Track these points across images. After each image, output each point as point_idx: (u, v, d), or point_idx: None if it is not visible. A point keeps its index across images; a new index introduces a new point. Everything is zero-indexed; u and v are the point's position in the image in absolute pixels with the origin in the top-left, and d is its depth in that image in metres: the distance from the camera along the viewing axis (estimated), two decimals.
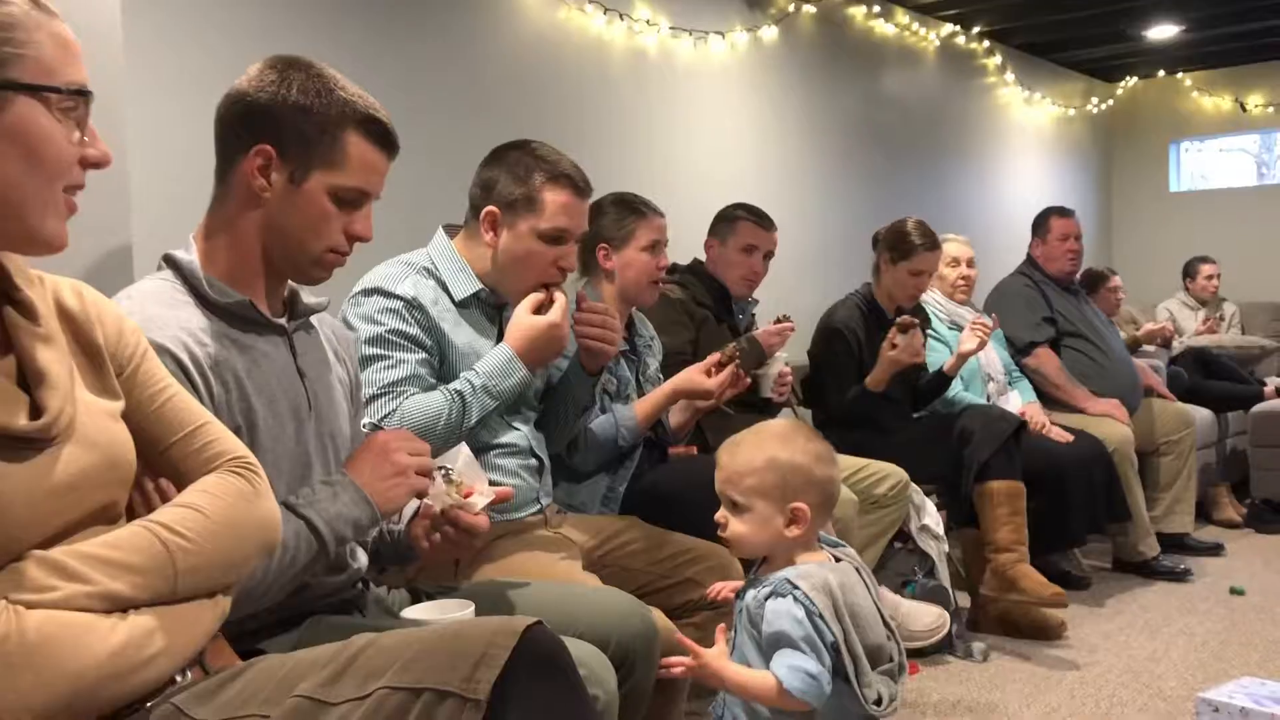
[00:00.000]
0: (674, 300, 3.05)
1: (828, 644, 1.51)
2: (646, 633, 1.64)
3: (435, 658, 1.06)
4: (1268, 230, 6.65)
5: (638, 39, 3.97)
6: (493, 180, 2.04)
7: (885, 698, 1.54)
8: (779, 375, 2.99)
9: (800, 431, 1.69)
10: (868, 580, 1.66)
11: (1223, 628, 3.40)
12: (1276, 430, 5.01)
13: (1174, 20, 5.71)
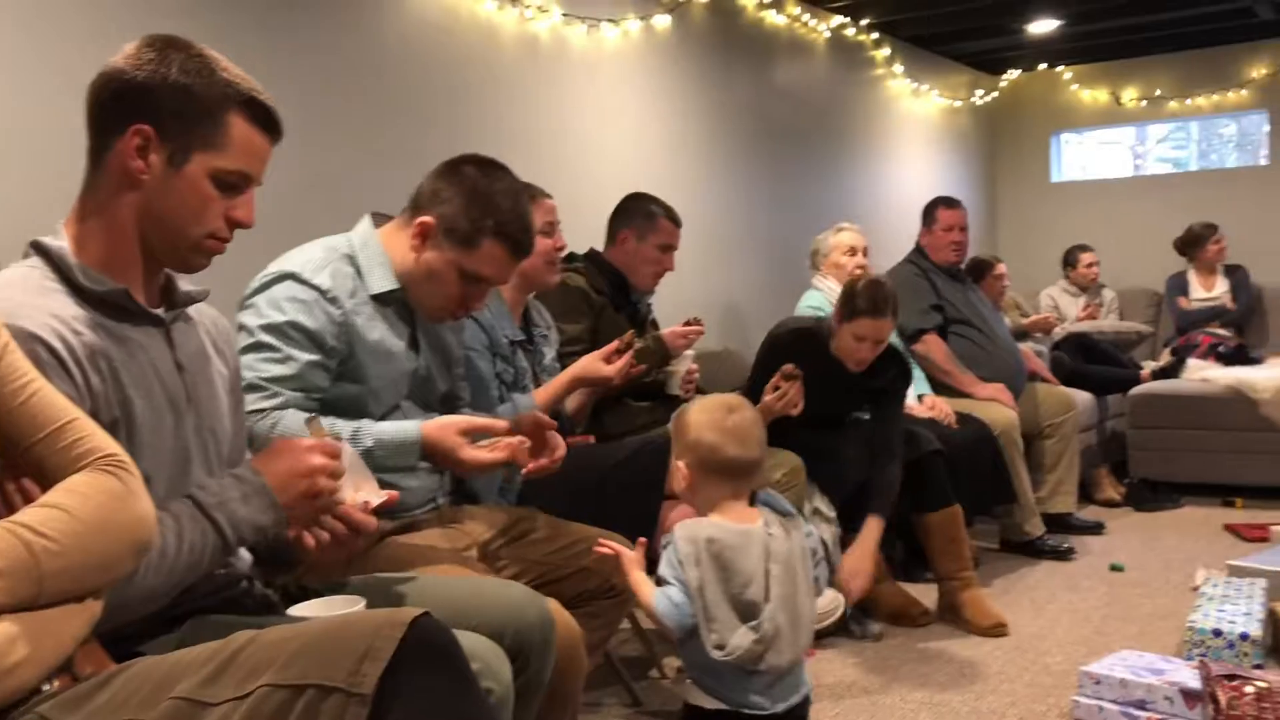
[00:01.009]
0: (572, 288, 3.04)
1: (687, 586, 1.73)
2: (543, 624, 1.62)
3: (319, 653, 1.02)
4: (1143, 219, 6.91)
5: (529, 25, 3.93)
6: (443, 196, 1.97)
7: (733, 647, 1.71)
8: (686, 373, 3.01)
9: (730, 407, 1.87)
10: (795, 552, 1.80)
11: (1104, 603, 3.52)
12: (1153, 412, 5.22)
13: (1054, 14, 5.88)
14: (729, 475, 1.83)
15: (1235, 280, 6.05)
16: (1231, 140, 7.62)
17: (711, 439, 1.82)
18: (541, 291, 2.75)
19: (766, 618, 1.72)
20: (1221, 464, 5.05)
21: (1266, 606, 2.95)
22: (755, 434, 1.85)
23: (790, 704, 1.77)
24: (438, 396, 2.16)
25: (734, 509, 1.83)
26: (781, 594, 1.74)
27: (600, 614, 2.15)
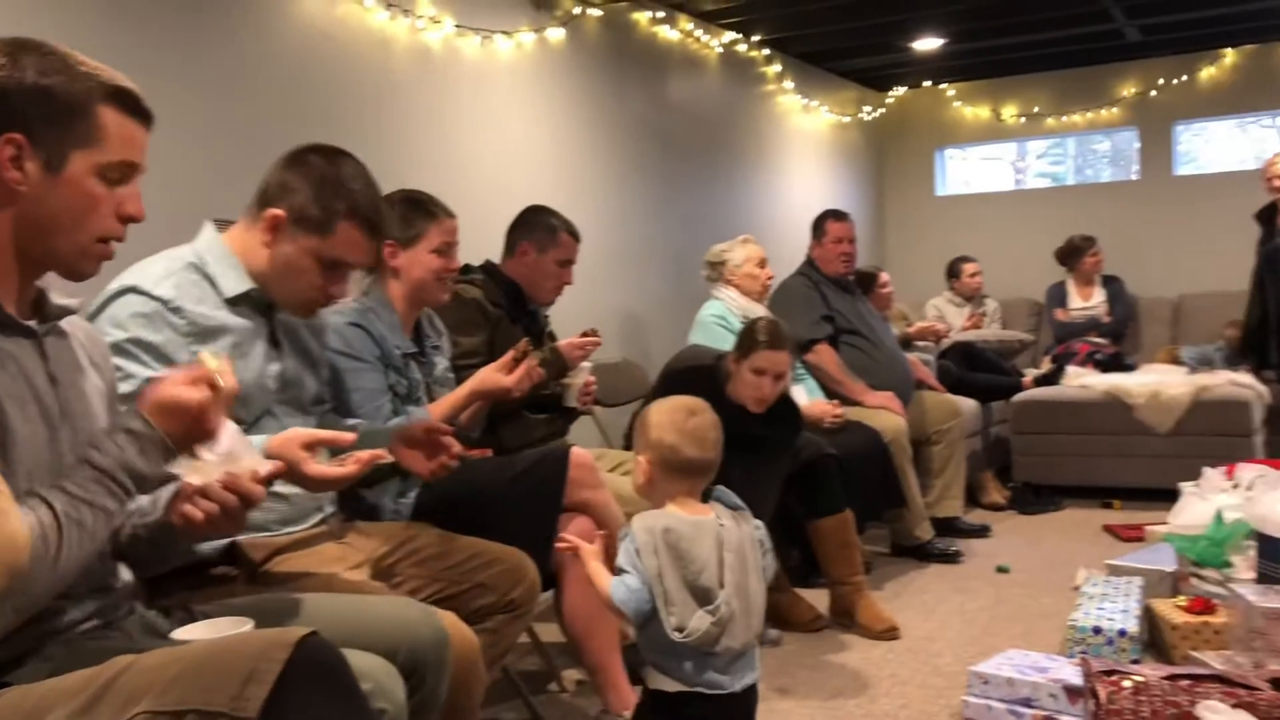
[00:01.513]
0: (468, 300, 3.01)
1: (644, 574, 1.81)
2: (437, 641, 1.59)
3: (200, 676, 0.99)
4: (1024, 232, 7.16)
5: (421, 36, 3.90)
6: (291, 187, 1.93)
7: (692, 629, 1.79)
8: (584, 385, 3.01)
9: (690, 410, 1.97)
10: (746, 542, 1.89)
11: (991, 604, 3.62)
12: (1035, 418, 5.39)
13: (938, 33, 6.05)
14: (685, 473, 1.94)
15: (1112, 291, 6.31)
16: (1106, 156, 7.94)
17: (672, 439, 1.92)
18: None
19: (723, 601, 1.81)
20: (1100, 467, 5.24)
21: (1142, 604, 3.07)
22: (712, 436, 1.95)
23: (746, 683, 1.87)
24: (310, 398, 2.10)
25: (688, 503, 1.93)
26: (734, 580, 1.83)
27: (498, 629, 2.13)
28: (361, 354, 2.39)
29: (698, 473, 1.94)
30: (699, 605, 1.81)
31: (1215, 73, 6.70)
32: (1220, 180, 6.76)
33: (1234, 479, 3.62)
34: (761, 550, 1.95)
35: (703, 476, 1.95)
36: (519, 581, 2.14)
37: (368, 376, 2.39)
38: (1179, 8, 5.69)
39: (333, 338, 2.37)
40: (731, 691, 1.83)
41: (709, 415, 1.98)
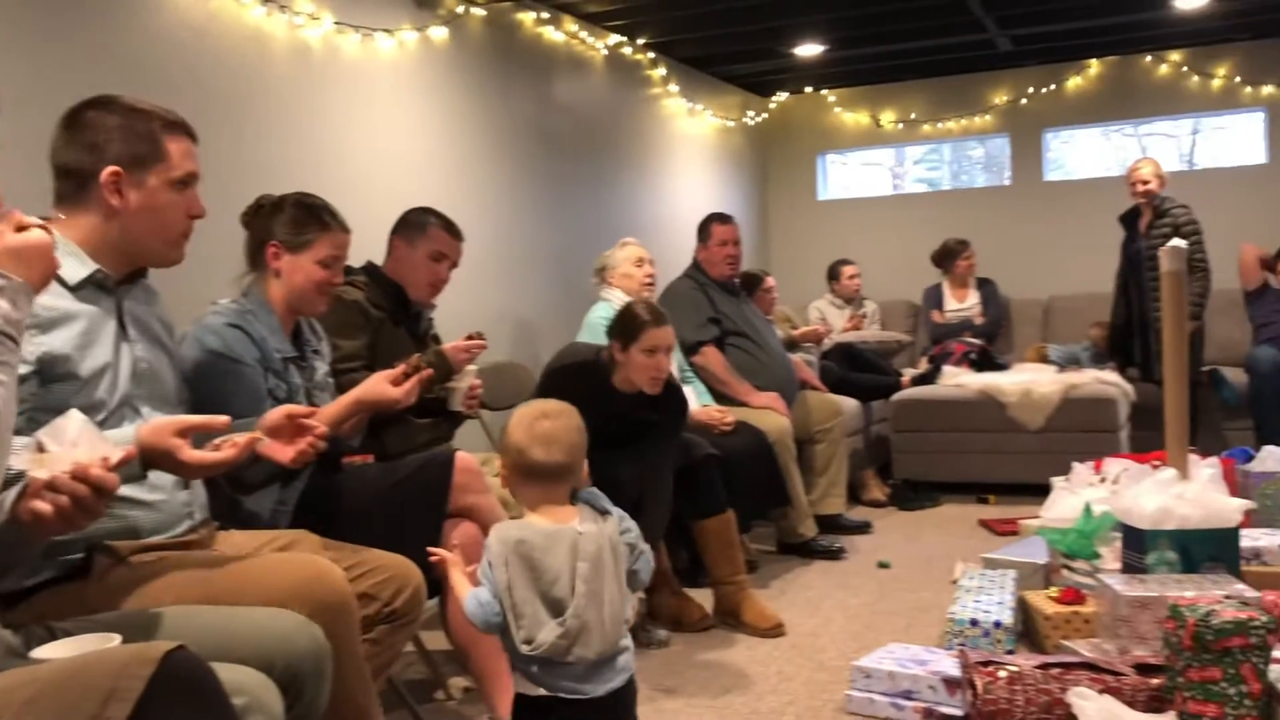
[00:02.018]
0: (349, 302, 2.94)
1: (495, 586, 1.80)
2: (316, 651, 1.55)
3: (59, 697, 0.94)
4: (902, 236, 7.34)
5: (300, 33, 3.80)
6: (105, 139, 1.88)
7: (539, 642, 1.77)
8: (469, 388, 2.96)
9: (545, 413, 1.92)
10: (606, 548, 1.84)
11: (873, 599, 3.70)
12: (913, 416, 5.53)
13: (818, 40, 6.17)
14: (535, 477, 1.89)
15: (985, 293, 6.52)
16: (980, 162, 8.20)
17: (520, 441, 1.89)
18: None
19: (571, 614, 1.78)
20: (975, 464, 5.41)
21: (1016, 595, 3.18)
22: (565, 439, 1.89)
23: (611, 687, 1.83)
24: (173, 391, 2.03)
25: (549, 509, 1.89)
26: (588, 590, 1.80)
27: (382, 638, 2.09)
28: (241, 356, 2.31)
29: (548, 477, 1.89)
30: (552, 616, 1.79)
31: (1081, 82, 6.98)
32: (1087, 186, 7.05)
33: (1101, 473, 3.77)
34: (633, 553, 1.91)
35: (555, 480, 1.90)
36: (403, 589, 2.10)
37: (248, 380, 2.32)
38: (1047, 19, 5.91)
39: (210, 338, 2.30)
40: (594, 696, 1.81)
41: (566, 420, 1.92)
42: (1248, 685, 2.08)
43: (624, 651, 1.86)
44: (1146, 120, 7.26)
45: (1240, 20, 6.08)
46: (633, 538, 1.92)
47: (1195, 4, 5.61)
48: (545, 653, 1.77)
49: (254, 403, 2.29)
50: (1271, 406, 5.42)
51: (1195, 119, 7.29)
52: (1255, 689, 2.08)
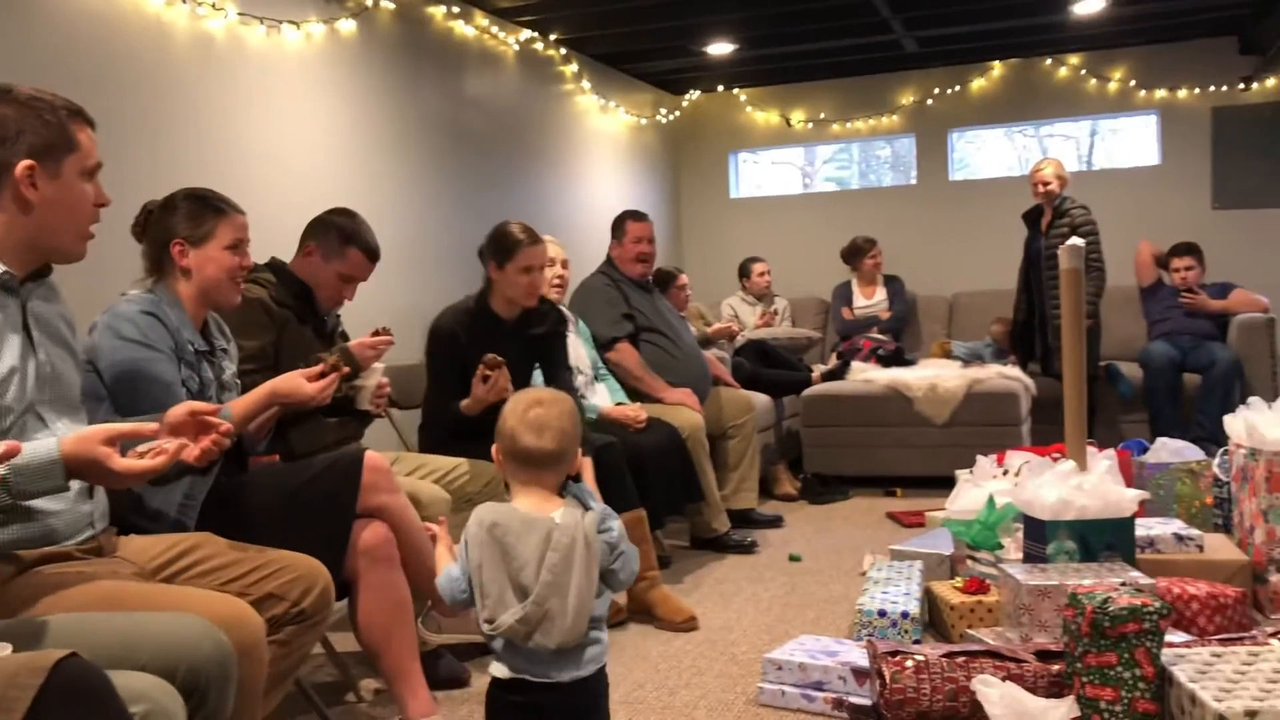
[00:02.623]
0: (251, 300, 2.87)
1: (467, 564, 1.86)
2: (220, 657, 1.52)
3: None
4: (812, 234, 7.45)
5: (202, 23, 3.71)
6: (8, 135, 1.80)
7: (499, 623, 1.81)
8: (377, 386, 2.92)
9: (538, 400, 1.95)
10: (580, 543, 1.86)
11: (784, 592, 3.75)
12: (823, 411, 5.61)
13: (729, 39, 6.21)
14: (524, 463, 1.92)
15: (892, 289, 6.65)
16: (887, 161, 8.35)
17: (511, 426, 1.92)
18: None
19: (532, 600, 1.80)
20: (883, 457, 5.51)
21: (923, 586, 3.24)
22: (555, 426, 1.92)
23: (577, 675, 1.85)
24: (77, 394, 1.97)
25: (533, 495, 1.92)
26: (553, 581, 1.81)
27: (290, 640, 2.05)
28: (156, 343, 2.26)
29: (536, 463, 1.91)
30: (518, 601, 1.82)
31: (985, 84, 7.15)
32: (990, 185, 7.22)
33: (1004, 466, 3.87)
34: (611, 552, 1.91)
35: (543, 467, 1.92)
36: (310, 589, 2.07)
37: (163, 367, 2.27)
38: (952, 21, 6.04)
39: (125, 326, 2.25)
40: (560, 681, 1.83)
41: (558, 408, 1.95)
42: (1142, 669, 2.16)
43: (593, 645, 1.87)
44: (1047, 121, 7.46)
45: (1134, 26, 6.29)
46: (613, 537, 1.92)
47: (1092, 9, 5.78)
48: (504, 634, 1.81)
49: (170, 392, 2.24)
50: (1165, 400, 5.63)
51: (1093, 120, 7.51)
52: (1149, 672, 2.16)
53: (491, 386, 3.26)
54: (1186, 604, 2.91)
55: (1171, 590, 2.93)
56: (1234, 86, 6.61)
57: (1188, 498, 3.79)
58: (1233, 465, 3.46)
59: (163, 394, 2.21)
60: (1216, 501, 3.79)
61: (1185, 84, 6.70)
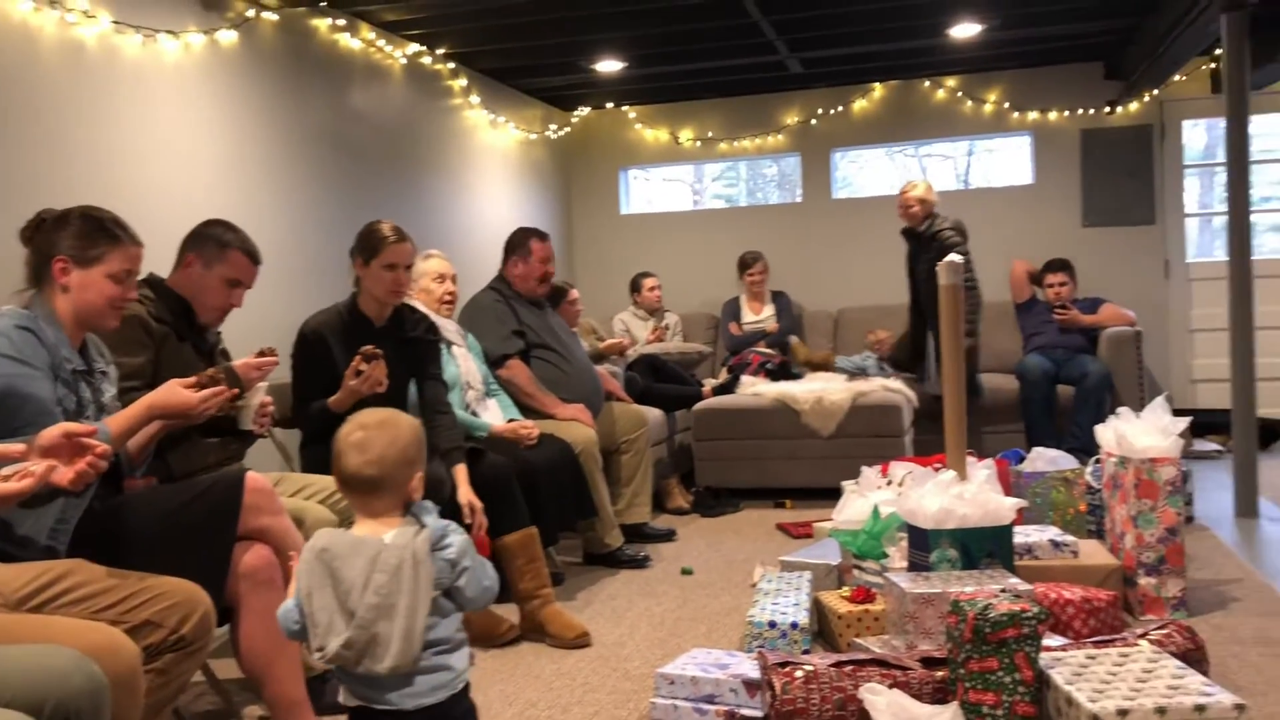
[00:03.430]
0: (129, 317, 2.76)
1: (299, 593, 1.82)
2: (91, 689, 1.46)
3: None
4: (702, 250, 7.53)
5: (73, 31, 3.58)
6: None
7: (327, 651, 1.77)
8: (260, 406, 2.84)
9: (363, 424, 1.90)
10: (409, 563, 1.80)
11: (676, 606, 3.76)
12: (714, 425, 5.67)
13: (618, 57, 6.25)
14: (346, 485, 1.88)
15: (780, 305, 6.76)
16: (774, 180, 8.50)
17: (338, 446, 1.87)
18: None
19: (356, 624, 1.76)
20: (773, 469, 5.58)
21: (811, 596, 3.29)
22: (377, 452, 1.85)
23: (423, 704, 1.79)
24: None
25: (367, 518, 1.88)
26: (380, 603, 1.77)
27: (168, 668, 1.99)
28: (32, 359, 2.17)
29: (357, 487, 1.86)
30: (347, 626, 1.78)
31: (866, 105, 7.34)
32: (873, 203, 7.40)
33: (888, 476, 3.96)
34: (453, 569, 1.86)
35: (366, 492, 1.86)
36: (190, 615, 2.00)
37: (40, 384, 2.17)
38: (834, 43, 6.18)
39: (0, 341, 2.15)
40: (403, 709, 1.78)
41: (387, 432, 1.88)
42: (1021, 673, 2.23)
43: (438, 671, 1.81)
44: (926, 141, 7.68)
45: (1007, 50, 6.53)
46: (452, 554, 1.87)
47: (968, 34, 5.98)
48: (332, 661, 1.77)
49: (46, 412, 2.15)
50: (1040, 411, 5.83)
51: (969, 141, 7.77)
52: (1028, 676, 2.23)
53: (366, 379, 3.23)
54: (1063, 608, 3.01)
55: (1048, 595, 3.04)
56: (1100, 110, 6.92)
57: (1063, 505, 3.94)
58: (1104, 473, 3.61)
59: (38, 413, 2.12)
60: (1089, 508, 3.95)
61: (1056, 107, 6.98)
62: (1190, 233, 7.08)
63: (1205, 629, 3.14)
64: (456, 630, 1.87)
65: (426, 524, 1.88)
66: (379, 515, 1.87)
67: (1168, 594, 3.31)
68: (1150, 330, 6.43)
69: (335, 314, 3.56)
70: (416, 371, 3.62)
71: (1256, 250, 4.94)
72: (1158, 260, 6.92)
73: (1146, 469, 3.32)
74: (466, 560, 1.88)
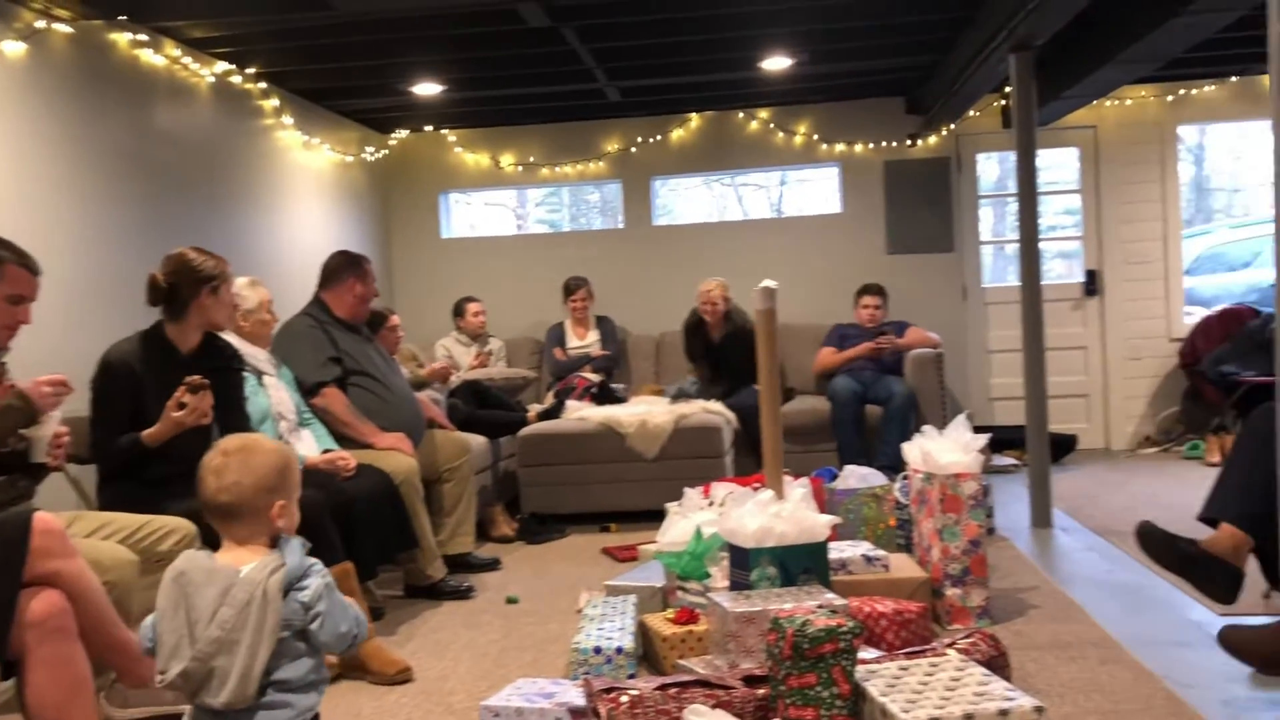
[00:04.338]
0: None
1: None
2: None
3: None
4: (525, 274, 7.51)
5: None
6: None
7: (166, 675, 1.76)
8: (54, 437, 2.66)
9: (224, 447, 1.91)
10: (259, 600, 1.77)
11: (501, 636, 3.71)
12: (539, 451, 5.64)
13: (436, 80, 6.19)
14: (207, 511, 1.88)
15: (604, 330, 6.82)
16: (596, 206, 8.58)
17: (199, 474, 1.88)
18: None
19: (193, 656, 1.74)
20: (598, 494, 5.59)
21: (637, 619, 3.31)
22: (231, 479, 1.85)
23: None
24: None
25: (230, 545, 1.87)
26: (223, 638, 1.74)
27: None
28: None
29: (215, 512, 1.88)
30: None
31: (684, 134, 7.49)
32: (691, 230, 7.56)
33: (710, 497, 4.03)
34: (306, 612, 1.81)
35: (224, 519, 1.87)
36: None
37: None
38: (652, 73, 6.29)
39: None
40: None
41: (246, 460, 1.88)
42: (839, 687, 2.29)
43: (274, 708, 1.77)
44: (741, 171, 7.90)
45: (816, 85, 6.79)
46: (307, 596, 1.82)
47: (778, 67, 6.19)
48: (168, 687, 1.77)
49: None
50: (850, 431, 6.04)
51: (782, 171, 8.04)
52: (845, 690, 2.29)
53: (192, 410, 3.08)
54: (876, 621, 3.12)
55: (863, 609, 3.14)
56: (902, 143, 7.28)
57: (874, 520, 4.09)
58: (911, 489, 3.77)
59: None
60: (899, 523, 4.11)
61: (861, 139, 7.30)
62: (985, 259, 7.52)
63: (1007, 636, 3.30)
64: (310, 671, 1.83)
65: (286, 562, 1.83)
66: (243, 543, 1.86)
67: (972, 604, 3.48)
68: (951, 352, 6.77)
69: (140, 342, 3.39)
70: (218, 402, 3.43)
71: (1045, 275, 5.26)
72: (956, 285, 7.30)
73: (950, 484, 3.49)
74: (322, 604, 1.84)
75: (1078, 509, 5.30)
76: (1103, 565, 4.25)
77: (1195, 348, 6.92)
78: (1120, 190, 7.31)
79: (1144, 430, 7.33)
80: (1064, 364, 7.26)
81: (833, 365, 6.35)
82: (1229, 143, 13.89)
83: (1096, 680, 2.93)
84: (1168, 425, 7.27)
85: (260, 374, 3.92)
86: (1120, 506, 5.32)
